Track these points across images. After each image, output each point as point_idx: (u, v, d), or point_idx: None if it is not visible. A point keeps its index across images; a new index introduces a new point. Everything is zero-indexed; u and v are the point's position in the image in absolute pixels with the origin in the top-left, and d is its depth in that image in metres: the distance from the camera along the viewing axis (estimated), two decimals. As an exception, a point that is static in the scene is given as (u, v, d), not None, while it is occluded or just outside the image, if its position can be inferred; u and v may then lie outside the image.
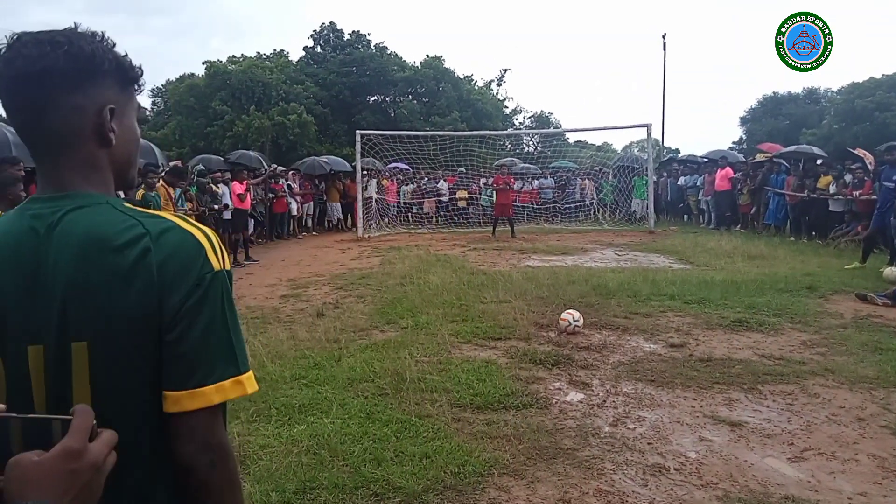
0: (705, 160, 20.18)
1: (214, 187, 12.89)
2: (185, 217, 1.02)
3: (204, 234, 1.01)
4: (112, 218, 0.97)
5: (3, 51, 0.97)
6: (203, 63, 34.61)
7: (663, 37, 32.51)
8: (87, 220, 0.96)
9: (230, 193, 12.78)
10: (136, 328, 0.93)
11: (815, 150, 17.42)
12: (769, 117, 43.09)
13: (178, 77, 37.58)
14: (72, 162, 1.00)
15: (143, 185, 8.84)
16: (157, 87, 41.29)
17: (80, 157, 1.01)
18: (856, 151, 13.85)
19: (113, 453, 0.82)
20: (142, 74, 1.08)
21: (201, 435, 0.95)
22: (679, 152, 33.82)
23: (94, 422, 0.80)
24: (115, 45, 1.03)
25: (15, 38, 0.97)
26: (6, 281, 0.95)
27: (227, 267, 1.02)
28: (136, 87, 1.08)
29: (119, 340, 0.93)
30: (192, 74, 35.83)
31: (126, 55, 1.05)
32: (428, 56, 36.54)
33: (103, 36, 1.03)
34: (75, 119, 0.99)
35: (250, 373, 1.01)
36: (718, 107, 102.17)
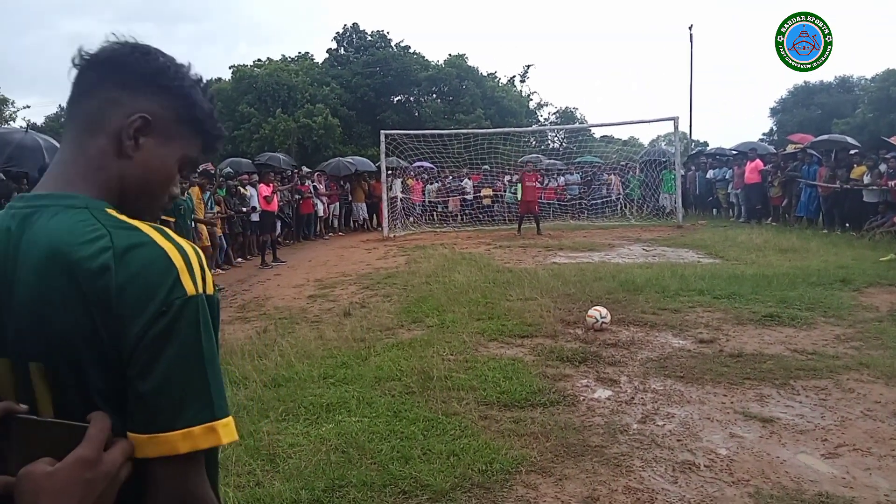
0: (734, 153, 19.86)
1: (243, 190, 13.09)
2: (167, 231, 0.89)
3: (180, 252, 0.86)
4: (80, 225, 0.85)
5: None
6: (229, 67, 35.10)
7: (690, 28, 32.12)
8: (54, 226, 0.85)
9: (258, 196, 12.95)
10: (92, 357, 0.81)
11: (848, 139, 17.04)
12: (800, 107, 42.20)
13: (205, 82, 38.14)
14: (80, 155, 0.93)
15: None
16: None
17: (89, 153, 0.92)
18: (891, 140, 13.52)
19: (129, 464, 0.79)
20: (219, 137, 1.04)
21: (169, 487, 0.82)
22: (707, 145, 33.36)
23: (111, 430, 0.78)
24: (211, 96, 1.02)
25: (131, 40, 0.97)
26: None
27: (209, 291, 0.88)
28: (205, 141, 1.02)
29: (75, 368, 0.82)
30: (220, 79, 36.32)
31: (213, 99, 1.02)
32: (451, 55, 36.54)
33: (201, 80, 1.01)
34: (106, 110, 0.92)
35: (229, 419, 0.86)
36: (748, 98, 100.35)
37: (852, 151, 14.62)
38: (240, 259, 13.11)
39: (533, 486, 3.19)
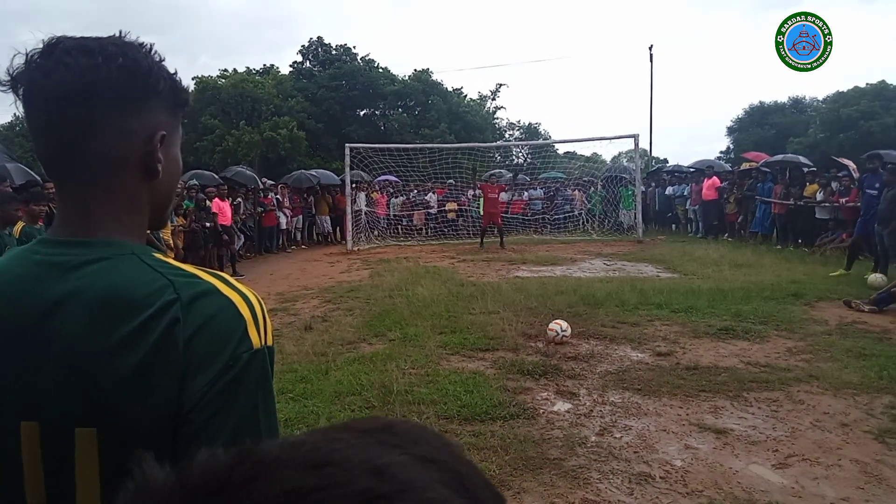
0: (692, 170, 20.35)
1: (209, 203, 12.91)
2: (225, 277, 0.85)
3: (246, 301, 0.82)
4: (138, 276, 0.79)
5: (36, 57, 0.80)
6: (193, 78, 34.59)
7: (650, 49, 32.94)
8: (108, 278, 0.79)
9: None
10: (157, 417, 0.76)
11: (801, 158, 17.61)
12: (755, 127, 43.44)
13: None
14: (106, 196, 0.84)
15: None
16: (146, 103, 41.19)
17: (118, 192, 0.85)
18: (841, 160, 14.01)
19: None
20: (189, 97, 0.94)
21: None
22: (667, 162, 34.06)
23: None
24: (164, 59, 0.87)
25: (56, 42, 0.80)
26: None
27: (270, 342, 0.83)
28: (184, 111, 0.93)
29: (137, 431, 0.75)
30: (182, 89, 35.81)
31: (176, 73, 0.89)
32: (416, 70, 36.75)
33: (151, 48, 0.86)
34: (122, 145, 0.83)
35: None
36: (706, 117, 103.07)
37: (805, 170, 15.10)
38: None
39: (491, 500, 3.19)
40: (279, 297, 9.47)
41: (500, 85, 43.22)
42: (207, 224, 12.66)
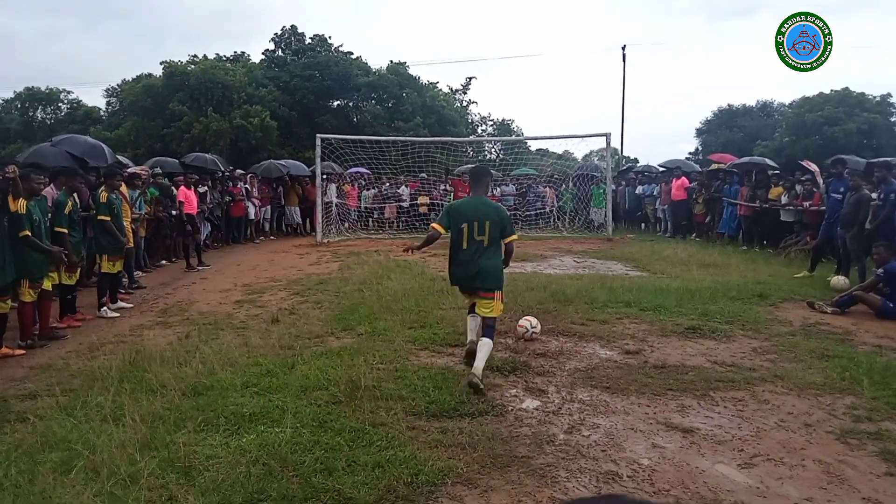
0: (662, 170, 20.55)
1: (175, 191, 12.61)
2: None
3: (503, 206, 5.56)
4: (491, 201, 5.34)
5: (474, 165, 7.12)
6: (161, 63, 33.76)
7: (623, 49, 33.22)
8: (489, 202, 5.27)
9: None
10: (499, 222, 5.07)
11: (768, 161, 17.91)
12: (724, 129, 44.21)
13: (134, 77, 36.55)
14: (481, 190, 5.33)
15: (104, 188, 8.38)
16: (112, 87, 40.26)
17: (483, 191, 5.37)
18: (805, 164, 14.25)
19: None
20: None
21: (511, 246, 5.24)
22: (637, 161, 34.39)
23: None
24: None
25: (476, 165, 7.42)
26: (470, 210, 5.11)
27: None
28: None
29: (498, 224, 5.07)
30: (150, 75, 34.92)
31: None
32: (392, 62, 36.42)
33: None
34: (488, 182, 5.56)
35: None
36: (676, 117, 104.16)
37: (770, 173, 15.35)
38: (164, 261, 12.61)
39: (458, 498, 3.15)
40: (246, 289, 9.31)
41: (471, 79, 43.08)
42: (173, 213, 12.37)
